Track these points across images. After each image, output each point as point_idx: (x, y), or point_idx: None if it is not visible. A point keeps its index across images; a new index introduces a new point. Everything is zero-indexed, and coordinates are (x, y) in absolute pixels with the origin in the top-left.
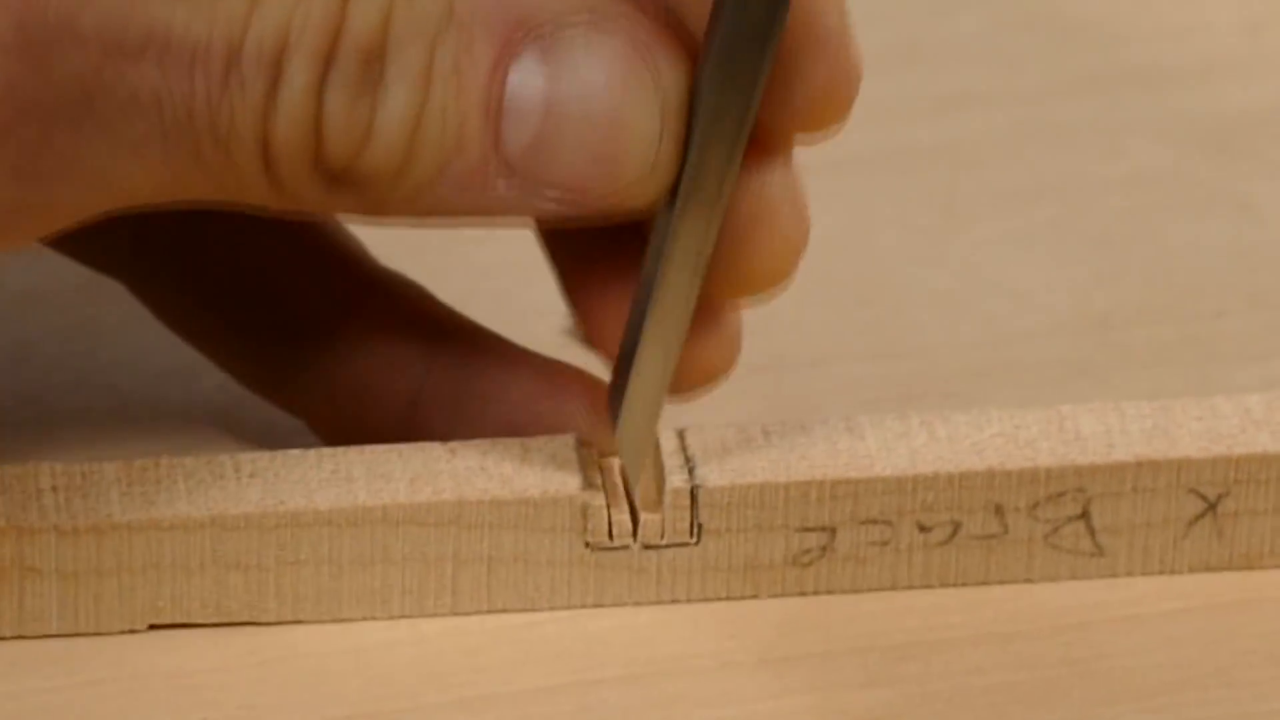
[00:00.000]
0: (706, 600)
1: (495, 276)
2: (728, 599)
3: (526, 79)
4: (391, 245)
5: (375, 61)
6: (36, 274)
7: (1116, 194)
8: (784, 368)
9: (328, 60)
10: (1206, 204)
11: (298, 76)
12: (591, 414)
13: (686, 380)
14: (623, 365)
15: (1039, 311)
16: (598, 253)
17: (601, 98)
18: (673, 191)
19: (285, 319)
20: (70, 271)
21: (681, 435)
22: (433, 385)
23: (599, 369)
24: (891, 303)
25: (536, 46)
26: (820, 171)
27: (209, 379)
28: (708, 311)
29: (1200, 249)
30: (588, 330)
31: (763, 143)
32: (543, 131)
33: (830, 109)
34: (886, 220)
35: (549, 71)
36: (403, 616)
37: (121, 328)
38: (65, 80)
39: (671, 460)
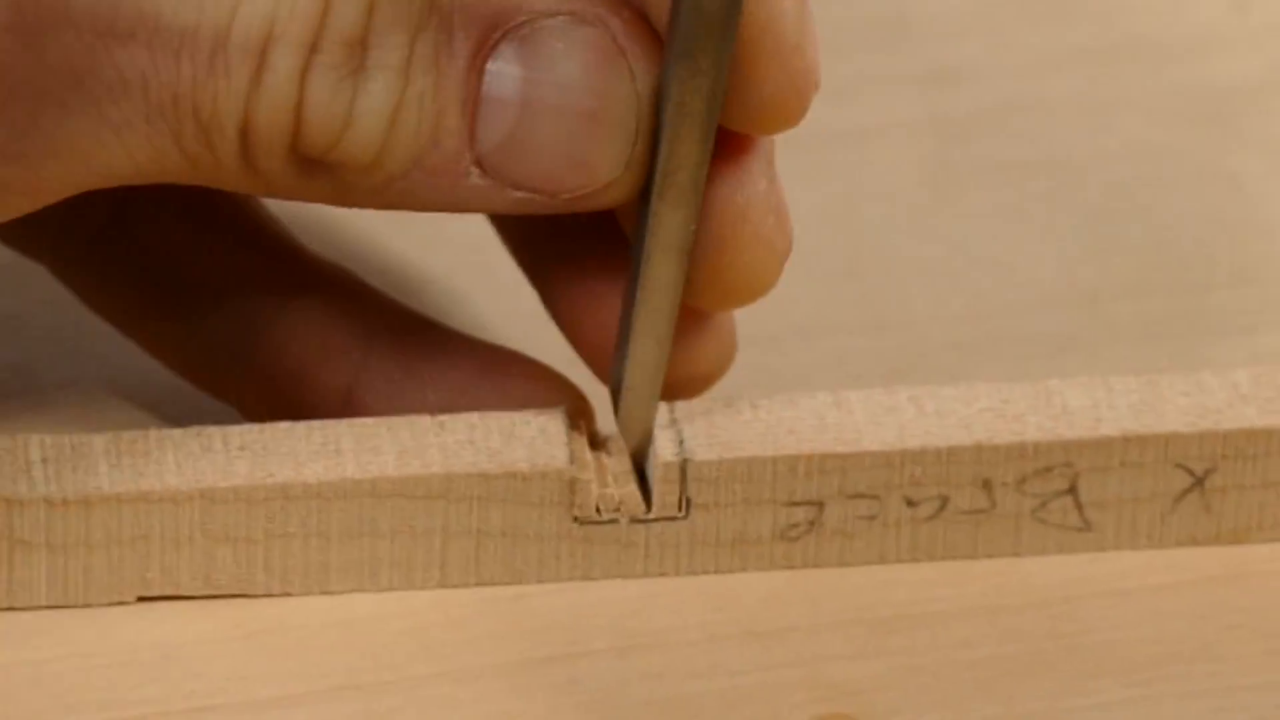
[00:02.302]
0: (694, 574)
1: (481, 250)
2: (716, 573)
3: (503, 73)
4: (375, 216)
5: (357, 49)
6: None
7: (1105, 168)
8: (772, 341)
9: (312, 48)
10: (1195, 178)
11: (282, 63)
12: (532, 398)
13: (684, 385)
14: (619, 354)
15: (1027, 285)
16: (566, 255)
17: (578, 94)
18: (647, 185)
19: (218, 308)
20: None
21: (671, 409)
22: (370, 372)
23: (549, 350)
24: (880, 276)
25: (514, 41)
26: (809, 144)
27: None
28: (697, 316)
29: (1188, 223)
30: (568, 332)
31: (739, 152)
32: (518, 127)
33: (782, 114)
34: (875, 194)
35: (526, 66)
36: (391, 589)
37: None
38: (57, 61)
39: (661, 434)
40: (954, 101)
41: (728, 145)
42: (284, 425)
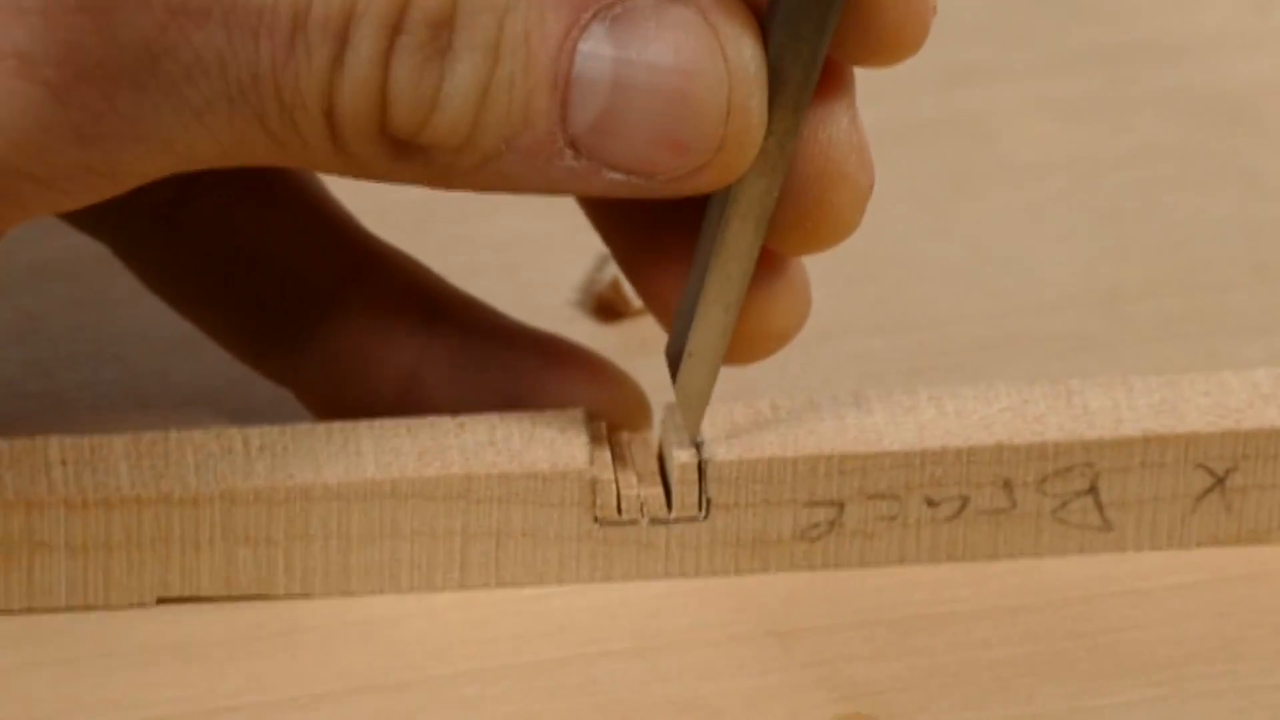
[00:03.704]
0: (715, 575)
1: (503, 249)
2: (736, 573)
3: (595, 53)
4: (398, 215)
5: (443, 30)
6: (47, 246)
7: (1124, 168)
8: (792, 342)
9: (395, 29)
10: (1214, 178)
11: (364, 44)
12: (591, 387)
13: (760, 343)
14: (681, 322)
15: (1047, 285)
16: (649, 220)
17: (669, 74)
18: None
19: (280, 289)
20: (81, 244)
21: None
22: (432, 356)
23: (600, 343)
24: (899, 276)
25: (605, 21)
26: None
27: (218, 352)
28: (776, 269)
29: (1207, 222)
30: (644, 294)
31: (825, 93)
32: (610, 108)
33: (906, 40)
34: (895, 194)
35: (617, 46)
36: (411, 590)
37: (131, 300)
38: (129, 41)
39: (679, 435)
40: (973, 101)
41: None
42: (304, 426)
